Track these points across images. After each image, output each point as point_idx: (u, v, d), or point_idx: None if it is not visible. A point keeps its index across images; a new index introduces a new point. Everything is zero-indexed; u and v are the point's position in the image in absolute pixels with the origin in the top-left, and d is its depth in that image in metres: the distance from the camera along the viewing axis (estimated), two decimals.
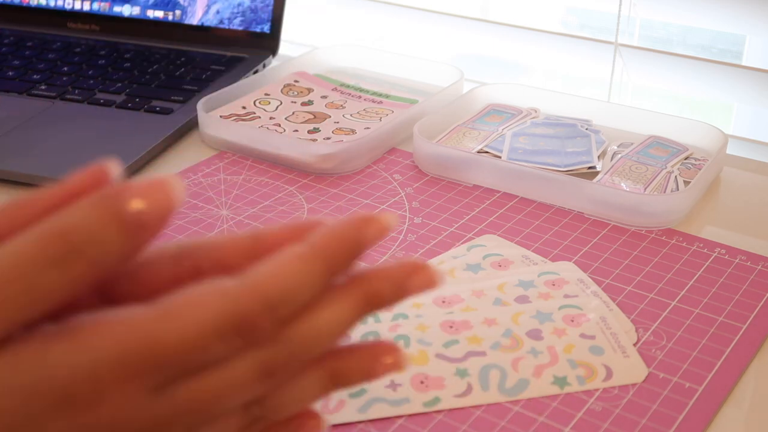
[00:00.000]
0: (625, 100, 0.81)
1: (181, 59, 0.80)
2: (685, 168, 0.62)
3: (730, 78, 0.75)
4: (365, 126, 0.68)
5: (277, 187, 0.62)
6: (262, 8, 0.82)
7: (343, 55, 0.82)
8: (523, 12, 0.92)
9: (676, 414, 0.41)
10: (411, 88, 0.77)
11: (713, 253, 0.54)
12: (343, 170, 0.63)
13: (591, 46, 0.80)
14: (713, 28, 0.82)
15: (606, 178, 0.60)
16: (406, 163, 0.65)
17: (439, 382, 0.43)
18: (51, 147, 0.65)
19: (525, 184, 0.60)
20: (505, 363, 0.44)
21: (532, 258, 0.53)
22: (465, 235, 0.56)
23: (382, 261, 0.53)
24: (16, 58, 0.81)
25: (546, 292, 0.49)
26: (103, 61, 0.80)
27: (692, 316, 0.48)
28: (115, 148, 0.65)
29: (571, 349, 0.45)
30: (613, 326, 0.46)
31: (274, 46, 0.82)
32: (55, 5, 0.88)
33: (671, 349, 0.45)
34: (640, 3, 0.78)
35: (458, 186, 0.61)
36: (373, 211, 0.58)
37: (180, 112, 0.71)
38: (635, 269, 0.52)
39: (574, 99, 0.71)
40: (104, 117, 0.70)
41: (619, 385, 0.43)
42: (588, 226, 0.56)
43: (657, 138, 0.66)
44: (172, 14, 0.85)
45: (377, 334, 0.45)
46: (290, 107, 0.72)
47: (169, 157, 0.67)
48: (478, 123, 0.69)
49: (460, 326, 0.46)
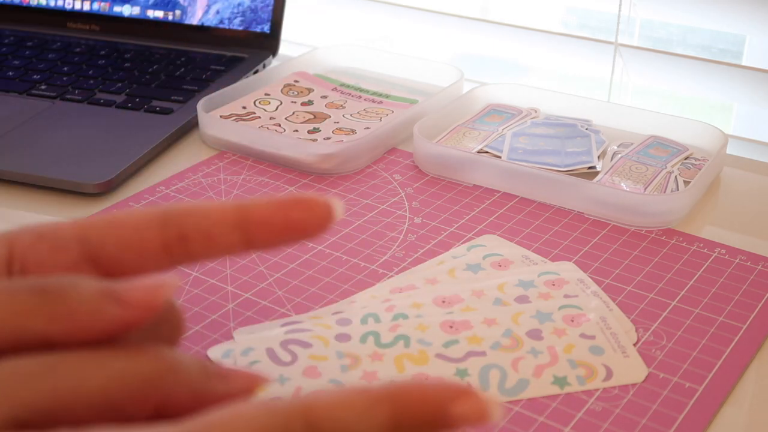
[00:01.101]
0: (625, 100, 0.81)
1: (181, 59, 0.80)
2: (685, 168, 0.62)
3: (729, 78, 0.75)
4: (365, 126, 0.68)
5: (277, 187, 0.62)
6: (262, 8, 0.82)
7: (343, 55, 0.82)
8: (523, 12, 0.92)
9: (676, 414, 0.41)
10: (411, 88, 0.77)
11: (713, 253, 0.54)
12: (343, 170, 0.63)
13: (591, 46, 0.80)
14: (713, 28, 0.82)
15: (606, 178, 0.60)
16: (406, 163, 0.65)
17: None
18: (51, 147, 0.65)
19: (525, 184, 0.60)
20: (505, 363, 0.44)
21: (532, 258, 0.53)
22: (465, 235, 0.56)
23: (383, 261, 0.53)
24: (16, 58, 0.81)
25: (546, 292, 0.49)
26: (103, 61, 0.80)
27: (692, 316, 0.48)
28: (115, 148, 0.65)
29: (571, 349, 0.45)
30: (613, 326, 0.46)
31: (274, 46, 0.82)
32: (55, 5, 0.88)
33: (671, 349, 0.45)
34: (640, 3, 0.78)
35: (458, 186, 0.61)
36: (374, 211, 0.58)
37: (180, 112, 0.71)
38: (635, 269, 0.52)
39: (574, 99, 0.71)
40: (104, 117, 0.70)
41: (619, 385, 0.43)
42: (588, 226, 0.57)
43: (657, 138, 0.66)
44: (172, 14, 0.85)
45: (377, 335, 0.45)
46: (290, 107, 0.72)
47: (169, 157, 0.67)
48: (478, 123, 0.69)
49: (460, 326, 0.46)
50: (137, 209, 0.27)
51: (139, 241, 0.27)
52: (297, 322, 0.47)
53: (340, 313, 0.47)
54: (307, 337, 0.45)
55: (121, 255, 0.27)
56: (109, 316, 0.24)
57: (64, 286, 0.24)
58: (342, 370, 0.43)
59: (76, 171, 0.62)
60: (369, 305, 0.48)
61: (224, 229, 0.27)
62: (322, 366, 0.43)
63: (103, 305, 0.24)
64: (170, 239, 0.27)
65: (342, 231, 0.56)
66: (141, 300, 0.24)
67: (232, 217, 0.28)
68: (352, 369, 0.43)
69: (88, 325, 0.24)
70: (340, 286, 0.50)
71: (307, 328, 0.46)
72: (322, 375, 0.43)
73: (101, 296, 0.24)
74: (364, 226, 0.57)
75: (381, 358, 0.44)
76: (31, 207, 0.60)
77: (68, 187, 0.61)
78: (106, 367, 0.24)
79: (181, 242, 0.27)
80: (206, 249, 0.27)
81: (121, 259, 0.27)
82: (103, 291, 0.24)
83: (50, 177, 0.61)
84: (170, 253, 0.27)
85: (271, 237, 0.28)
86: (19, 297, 0.24)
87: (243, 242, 0.28)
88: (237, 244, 0.28)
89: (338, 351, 0.44)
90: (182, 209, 0.28)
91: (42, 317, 0.24)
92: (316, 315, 0.48)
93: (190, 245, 0.27)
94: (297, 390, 0.42)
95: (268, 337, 0.45)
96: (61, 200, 0.61)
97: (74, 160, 0.63)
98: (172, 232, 0.27)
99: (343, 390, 0.24)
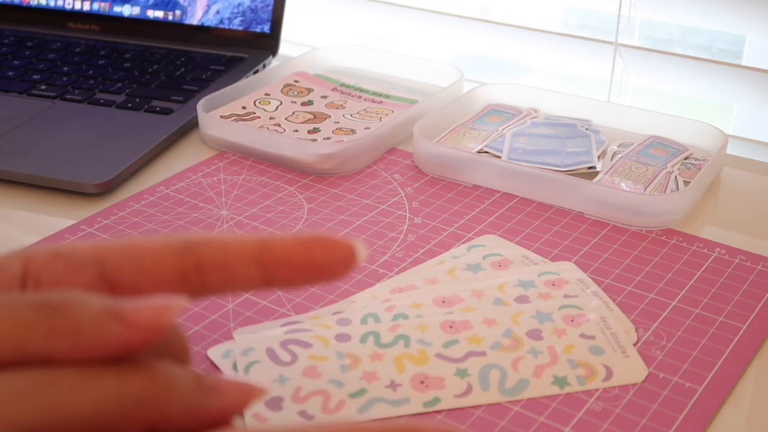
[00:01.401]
0: (625, 100, 0.81)
1: (181, 59, 0.80)
2: (685, 168, 0.62)
3: (729, 78, 0.75)
4: (365, 126, 0.68)
5: (277, 187, 0.62)
6: (262, 8, 0.82)
7: (343, 55, 0.82)
8: (523, 12, 0.92)
9: (676, 414, 0.41)
10: (411, 88, 0.77)
11: (713, 253, 0.54)
12: (343, 170, 0.63)
13: (591, 46, 0.80)
14: (713, 28, 0.82)
15: (606, 178, 0.60)
16: (406, 163, 0.65)
17: (439, 382, 0.43)
18: (51, 147, 0.65)
19: (525, 184, 0.60)
20: (505, 363, 0.44)
21: (532, 258, 0.53)
22: (465, 235, 0.56)
23: (383, 261, 0.53)
24: (16, 58, 0.81)
25: (546, 292, 0.49)
26: (103, 61, 0.80)
27: (692, 316, 0.48)
28: (115, 148, 0.65)
29: (571, 349, 0.45)
30: (613, 326, 0.46)
31: (274, 46, 0.82)
32: (55, 5, 0.88)
33: (671, 349, 0.45)
34: (640, 3, 0.78)
35: (458, 186, 0.61)
36: (374, 211, 0.58)
37: (180, 112, 0.71)
38: (635, 269, 0.52)
39: (574, 99, 0.71)
40: (104, 117, 0.70)
41: (619, 385, 0.43)
42: (588, 226, 0.57)
43: (657, 138, 0.66)
44: (172, 14, 0.85)
45: (377, 335, 0.46)
46: (290, 107, 0.72)
47: (169, 157, 0.67)
48: (478, 123, 0.69)
49: (460, 326, 0.46)
50: (157, 236, 0.27)
51: (156, 267, 0.27)
52: (297, 322, 0.47)
53: (340, 313, 0.47)
54: (307, 337, 0.45)
55: (137, 280, 0.27)
56: (113, 335, 0.24)
57: (68, 302, 0.24)
58: (342, 370, 0.43)
59: (76, 171, 0.62)
60: (369, 305, 0.48)
61: (243, 262, 0.27)
62: (322, 366, 0.43)
63: (107, 324, 0.24)
64: (187, 267, 0.27)
65: (342, 231, 0.56)
66: (145, 321, 0.24)
67: (252, 251, 0.27)
68: (352, 369, 0.43)
69: (89, 342, 0.24)
70: (340, 286, 0.50)
71: (307, 328, 0.46)
72: (322, 375, 0.43)
73: (105, 314, 0.24)
74: (364, 226, 0.57)
75: (381, 358, 0.44)
76: (31, 207, 0.60)
77: (68, 187, 0.61)
78: (100, 385, 0.23)
79: (199, 272, 0.27)
80: (223, 281, 0.27)
81: (136, 284, 0.27)
82: (107, 309, 0.24)
83: (50, 177, 0.61)
84: (186, 282, 0.27)
85: (290, 274, 0.27)
86: (21, 310, 0.24)
87: (261, 278, 0.27)
88: (255, 278, 0.27)
89: (338, 351, 0.44)
90: (202, 239, 0.27)
91: (43, 332, 0.23)
92: (316, 315, 0.48)
93: (207, 275, 0.27)
94: (297, 390, 0.42)
95: (268, 337, 0.45)
96: (61, 200, 0.61)
97: (74, 160, 0.63)
98: (190, 261, 0.27)
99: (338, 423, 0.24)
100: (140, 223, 0.57)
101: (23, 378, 0.23)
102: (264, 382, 0.42)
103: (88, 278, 0.26)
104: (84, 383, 0.23)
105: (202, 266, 0.27)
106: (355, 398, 0.41)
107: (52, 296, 0.24)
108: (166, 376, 0.25)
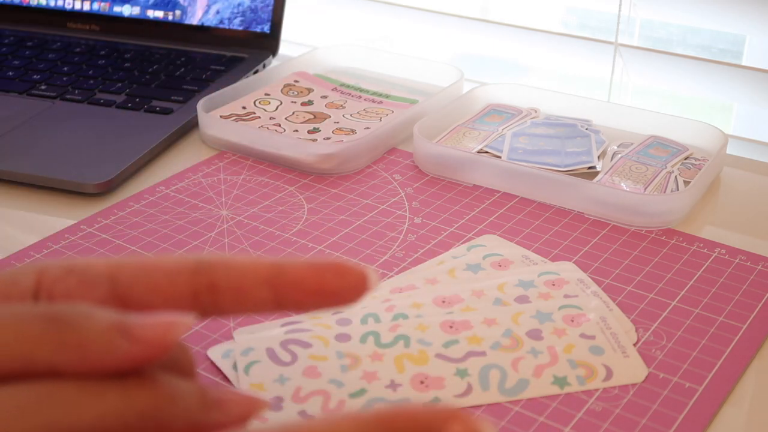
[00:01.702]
0: (625, 100, 0.81)
1: (181, 59, 0.80)
2: (685, 168, 0.62)
3: (729, 78, 0.75)
4: (365, 126, 0.68)
5: (277, 187, 0.62)
6: (262, 8, 0.82)
7: (343, 55, 0.82)
8: (523, 12, 0.92)
9: (676, 414, 0.41)
10: (411, 88, 0.77)
11: (713, 253, 0.54)
12: (343, 170, 0.63)
13: (591, 46, 0.80)
14: (713, 28, 0.82)
15: (606, 178, 0.60)
16: (406, 163, 0.65)
17: (439, 382, 0.43)
18: (51, 147, 0.65)
19: (525, 184, 0.60)
20: (505, 363, 0.44)
21: (532, 258, 0.53)
22: (465, 235, 0.56)
23: (383, 261, 0.53)
24: (16, 58, 0.81)
25: (546, 292, 0.49)
26: (103, 61, 0.80)
27: (692, 316, 0.48)
28: (115, 148, 0.65)
29: (571, 349, 0.45)
30: (613, 326, 0.46)
31: (274, 46, 0.82)
32: (55, 5, 0.88)
33: (671, 349, 0.45)
34: (640, 3, 0.78)
35: (458, 186, 0.61)
36: (374, 211, 0.58)
37: (180, 112, 0.71)
38: (635, 269, 0.52)
39: (574, 99, 0.71)
40: (104, 117, 0.70)
41: (619, 385, 0.43)
42: (588, 226, 0.57)
43: (657, 138, 0.66)
44: (172, 14, 0.85)
45: (377, 335, 0.46)
46: (290, 107, 0.72)
47: (169, 157, 0.67)
48: (478, 123, 0.69)
49: (460, 326, 0.46)
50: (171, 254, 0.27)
51: (168, 285, 0.27)
52: (297, 322, 0.47)
53: (340, 313, 0.47)
54: (307, 337, 0.45)
55: (149, 298, 0.27)
56: (119, 351, 0.24)
57: (76, 316, 0.24)
58: (342, 370, 0.43)
59: (76, 171, 0.62)
60: (369, 305, 0.48)
61: (255, 285, 0.27)
62: (322, 366, 0.43)
63: (114, 339, 0.24)
64: (200, 287, 0.27)
65: (342, 231, 0.56)
66: (152, 337, 0.24)
67: (265, 273, 0.27)
68: (352, 369, 0.43)
69: (96, 357, 0.23)
70: None
71: (307, 328, 0.46)
72: (322, 375, 0.43)
73: (112, 329, 0.24)
74: (364, 226, 0.57)
75: (381, 358, 0.44)
76: (31, 207, 0.60)
77: (68, 187, 0.61)
78: (104, 400, 0.23)
79: (211, 292, 0.27)
80: (235, 302, 0.27)
81: (148, 301, 0.27)
82: (114, 324, 0.24)
83: (50, 177, 0.61)
84: (198, 302, 0.27)
85: (302, 299, 0.27)
86: (29, 322, 0.23)
87: (273, 300, 0.27)
88: (267, 301, 0.27)
89: (338, 351, 0.44)
90: (216, 259, 0.27)
91: (50, 345, 0.23)
92: (316, 315, 0.48)
93: (220, 296, 0.27)
94: (297, 390, 0.42)
95: (268, 337, 0.45)
96: (61, 200, 0.61)
97: (74, 160, 0.63)
98: (203, 281, 0.27)
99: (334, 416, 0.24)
100: (140, 223, 0.57)
101: (27, 392, 0.23)
102: (264, 381, 0.42)
103: (100, 294, 0.26)
104: (87, 398, 0.23)
105: (214, 287, 0.27)
106: (355, 398, 0.41)
107: (60, 309, 0.24)
108: (170, 392, 0.25)
